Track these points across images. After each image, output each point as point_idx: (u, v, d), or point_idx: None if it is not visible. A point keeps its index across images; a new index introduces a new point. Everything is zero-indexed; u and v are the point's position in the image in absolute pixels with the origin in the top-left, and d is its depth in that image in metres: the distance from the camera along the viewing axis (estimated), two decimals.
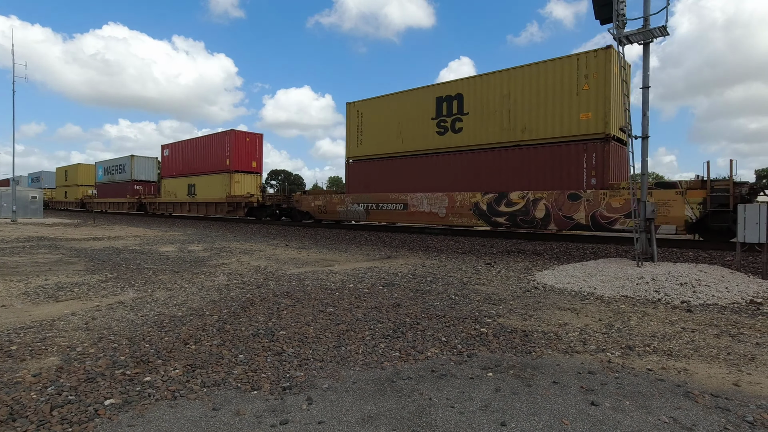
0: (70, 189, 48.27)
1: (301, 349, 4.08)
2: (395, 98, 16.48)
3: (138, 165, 37.28)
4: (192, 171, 28.67)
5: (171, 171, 31.10)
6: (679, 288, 6.51)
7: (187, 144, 29.94)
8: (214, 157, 26.53)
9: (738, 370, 3.62)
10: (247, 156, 26.13)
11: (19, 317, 5.10)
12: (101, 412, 2.83)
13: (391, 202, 16.29)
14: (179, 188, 29.94)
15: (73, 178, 47.82)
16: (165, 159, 31.98)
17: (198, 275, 8.05)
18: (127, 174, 37.27)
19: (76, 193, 46.33)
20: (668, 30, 8.14)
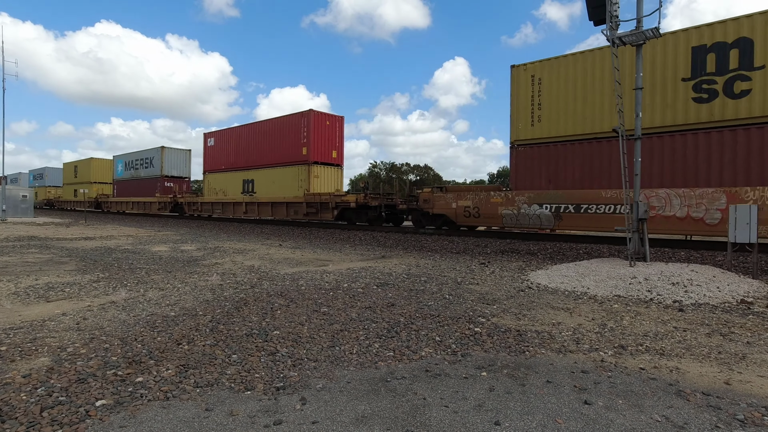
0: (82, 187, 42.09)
1: (294, 349, 4.06)
2: (599, 55, 11.72)
3: (169, 158, 31.54)
4: (250, 163, 23.27)
5: (218, 164, 25.59)
6: (671, 287, 6.56)
7: (242, 131, 24.31)
8: (284, 146, 21.16)
9: (729, 369, 3.65)
10: (327, 144, 20.73)
11: (8, 317, 5.03)
12: (92, 414, 2.80)
13: (603, 202, 11.42)
14: (231, 185, 24.58)
15: (84, 174, 42.18)
16: (209, 150, 26.34)
17: (191, 275, 7.99)
18: (155, 169, 31.45)
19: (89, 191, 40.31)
20: (661, 32, 8.20)
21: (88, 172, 41.60)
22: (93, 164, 41.42)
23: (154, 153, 32.18)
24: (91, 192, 39.38)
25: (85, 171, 42.36)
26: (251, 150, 23.42)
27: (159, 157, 31.49)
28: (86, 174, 41.99)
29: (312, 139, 19.97)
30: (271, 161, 22.13)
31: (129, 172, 35.53)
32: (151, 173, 32.38)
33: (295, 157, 20.63)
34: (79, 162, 44.15)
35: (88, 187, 39.83)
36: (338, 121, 21.32)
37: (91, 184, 40.65)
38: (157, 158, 31.80)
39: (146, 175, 32.94)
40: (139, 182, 33.55)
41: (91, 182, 40.96)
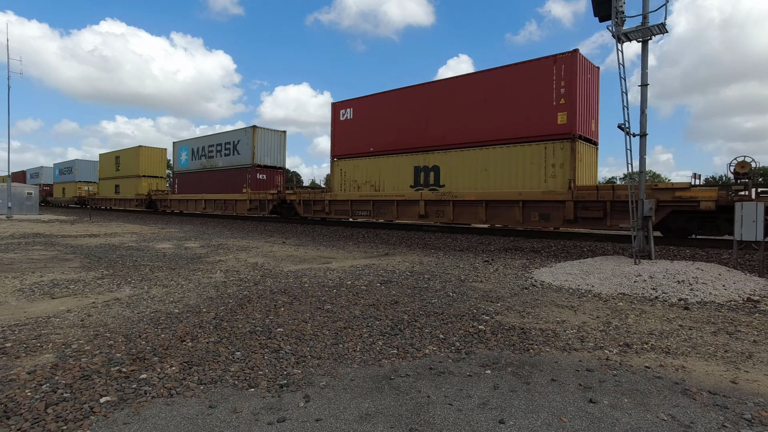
0: (126, 182, 34.70)
1: (298, 346, 4.06)
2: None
3: (263, 141, 23.89)
4: (430, 143, 15.08)
5: (359, 146, 17.32)
6: (676, 286, 6.52)
7: (409, 96, 15.77)
8: (511, 112, 13.09)
9: (736, 368, 3.62)
10: (588, 108, 12.75)
11: (14, 314, 5.06)
12: (97, 410, 2.80)
13: None
14: (387, 175, 16.33)
15: (130, 166, 34.36)
16: (343, 127, 17.89)
17: (195, 272, 8.01)
18: (243, 156, 23.78)
19: (137, 186, 33.00)
20: (666, 28, 8.13)
21: (135, 164, 33.55)
22: (142, 154, 33.43)
23: (241, 136, 24.09)
24: (139, 188, 32.73)
25: (130, 162, 34.43)
26: (432, 122, 14.96)
27: (249, 140, 23.31)
28: (132, 166, 34.11)
29: (574, 97, 11.92)
30: (478, 138, 13.82)
31: (198, 161, 27.54)
32: (236, 162, 24.33)
33: (537, 128, 12.55)
34: (123, 152, 36.10)
35: (134, 182, 33.26)
36: (596, 74, 13.33)
37: (139, 179, 32.89)
38: (245, 142, 23.61)
39: (227, 165, 25.08)
40: (215, 175, 25.97)
41: (139, 176, 33.01)
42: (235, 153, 24.81)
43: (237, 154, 24.65)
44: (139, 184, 33.12)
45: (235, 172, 24.53)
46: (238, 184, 23.96)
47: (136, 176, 33.57)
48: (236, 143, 24.78)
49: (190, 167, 28.67)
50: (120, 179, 35.97)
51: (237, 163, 24.62)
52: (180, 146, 29.75)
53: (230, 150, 25.19)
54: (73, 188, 45.34)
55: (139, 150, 33.53)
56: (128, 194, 34.39)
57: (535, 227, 13.67)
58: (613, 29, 8.36)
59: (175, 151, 30.19)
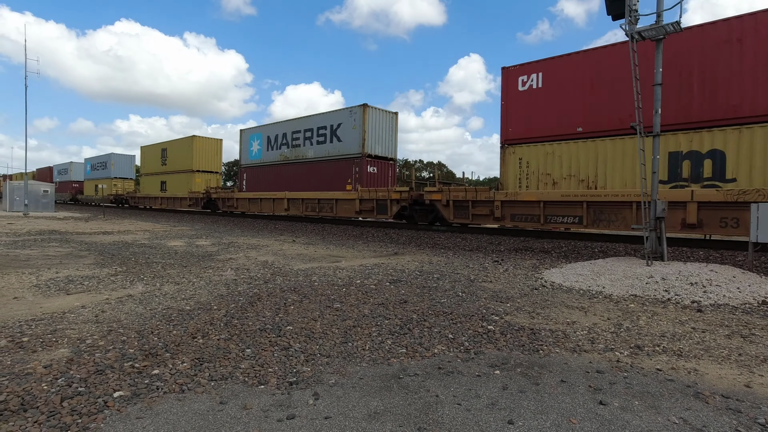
0: (175, 178, 30.18)
1: (307, 344, 4.09)
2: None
3: (375, 125, 18.33)
4: (707, 116, 9.61)
5: (560, 124, 11.92)
6: (689, 288, 6.43)
7: (673, 42, 9.48)
8: None
9: (750, 372, 3.57)
10: None
11: (30, 309, 5.16)
12: (110, 404, 2.85)
13: None
14: (618, 163, 10.80)
15: (180, 159, 29.78)
16: (521, 100, 12.76)
17: (206, 270, 8.10)
18: (347, 144, 18.37)
19: (189, 183, 28.46)
20: (681, 26, 8.01)
21: (187, 157, 29.06)
22: (196, 145, 28.79)
23: (344, 118, 18.64)
24: (192, 184, 28.33)
25: (180, 155, 29.93)
26: (706, 85, 9.62)
27: (357, 123, 17.82)
28: (182, 159, 29.57)
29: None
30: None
31: (276, 152, 22.28)
32: (336, 152, 19.04)
33: None
34: (171, 144, 31.59)
35: (186, 178, 28.85)
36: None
37: (192, 174, 28.45)
38: (350, 126, 18.10)
39: (321, 155, 19.86)
40: (303, 168, 20.83)
41: (193, 170, 28.55)
42: (333, 140, 19.33)
43: (337, 142, 19.11)
44: (192, 181, 28.27)
45: (335, 165, 19.01)
46: (339, 180, 18.76)
47: (188, 171, 28.88)
48: (335, 128, 19.20)
49: (264, 159, 23.10)
50: (167, 175, 31.14)
51: (337, 153, 19.00)
52: (250, 134, 24.22)
53: (326, 136, 19.72)
54: (107, 185, 41.05)
55: (192, 141, 28.52)
56: (178, 192, 29.56)
57: None
58: (626, 28, 8.26)
59: (243, 140, 24.71)
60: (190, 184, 28.78)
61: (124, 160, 41.88)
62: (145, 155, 35.26)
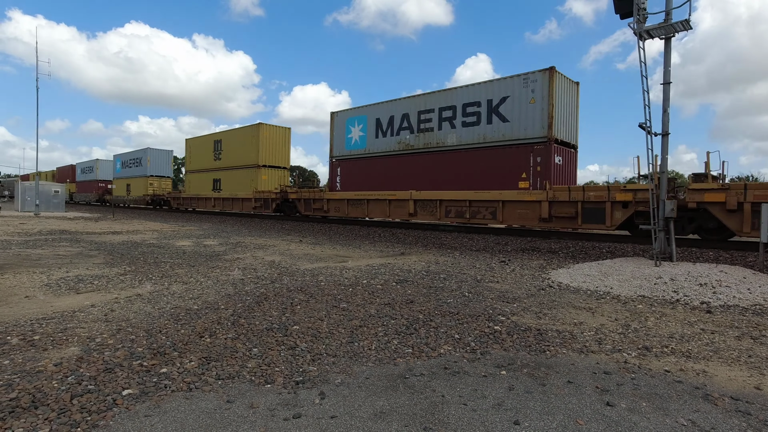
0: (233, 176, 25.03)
1: (314, 343, 4.11)
2: None
3: (561, 98, 13.21)
4: None
5: None
6: (698, 288, 6.37)
7: None
8: None
9: (760, 374, 3.53)
10: None
11: (41, 308, 5.23)
12: (119, 402, 2.89)
13: None
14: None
15: (241, 153, 24.50)
16: None
17: (213, 269, 8.15)
18: (519, 125, 13.40)
19: (254, 181, 23.34)
20: (691, 24, 7.93)
21: (251, 150, 23.64)
22: (263, 135, 23.37)
23: (513, 88, 13.60)
24: (257, 182, 23.14)
25: (241, 147, 24.49)
26: None
27: (538, 94, 13.01)
28: (244, 152, 24.22)
29: None
30: None
31: (393, 139, 16.89)
32: (498, 136, 13.98)
33: None
34: (227, 134, 26.29)
35: (249, 175, 23.59)
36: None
37: (257, 170, 23.28)
38: (523, 99, 13.34)
39: (472, 141, 14.64)
40: (436, 159, 15.58)
41: (258, 166, 23.32)
42: (492, 120, 14.01)
43: (500, 122, 13.81)
44: (258, 178, 23.17)
45: (497, 154, 13.98)
46: (503, 174, 13.79)
47: (252, 167, 23.58)
48: (496, 103, 13.96)
49: (370, 149, 17.71)
50: (222, 172, 26.08)
51: (500, 138, 13.85)
52: (347, 117, 18.51)
53: (480, 115, 14.30)
54: (142, 184, 35.97)
55: (258, 130, 23.18)
56: (239, 191, 24.32)
57: None
58: (634, 26, 8.20)
59: (337, 125, 18.99)
60: (255, 182, 23.10)
61: (161, 156, 36.72)
62: (192, 149, 29.70)
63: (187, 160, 30.73)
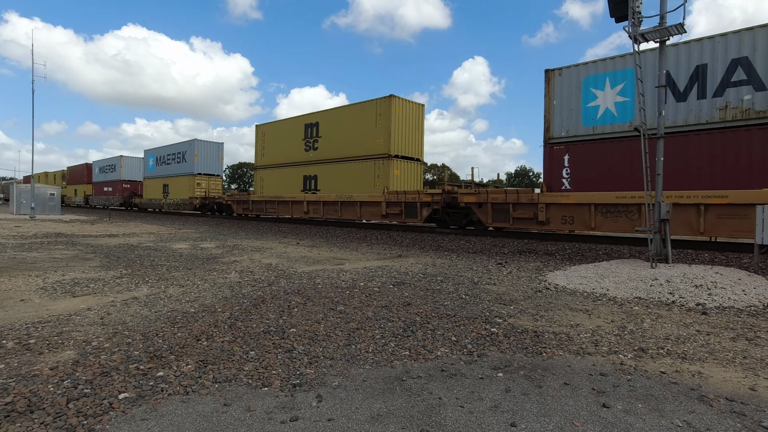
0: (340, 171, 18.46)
1: (311, 346, 4.10)
2: None
3: None
4: None
5: None
6: (694, 290, 6.40)
7: None
8: None
9: (755, 375, 3.55)
10: None
11: (37, 311, 5.21)
12: (116, 406, 2.88)
13: None
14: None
15: (355, 138, 17.81)
16: None
17: (210, 272, 8.14)
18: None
19: (380, 177, 16.92)
20: (685, 28, 7.99)
21: (378, 133, 16.93)
22: (396, 113, 16.66)
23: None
24: (389, 181, 16.64)
25: (357, 130, 17.80)
26: None
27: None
28: (365, 137, 17.41)
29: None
30: None
31: (699, 106, 9.82)
32: None
33: None
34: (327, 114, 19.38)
35: (370, 169, 17.10)
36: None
37: (388, 162, 16.62)
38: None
39: None
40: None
41: (388, 156, 16.62)
42: None
43: None
44: (388, 173, 16.43)
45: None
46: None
47: (378, 157, 16.73)
48: None
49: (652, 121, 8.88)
50: (320, 166, 19.20)
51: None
52: (587, 75, 11.76)
53: None
54: (186, 185, 29.21)
55: (389, 105, 16.14)
56: (354, 191, 17.49)
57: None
58: (629, 30, 8.25)
59: (569, 88, 12.14)
60: (383, 178, 16.46)
61: (210, 151, 29.87)
62: (267, 138, 22.25)
63: (258, 153, 23.20)
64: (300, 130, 20.62)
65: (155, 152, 34.54)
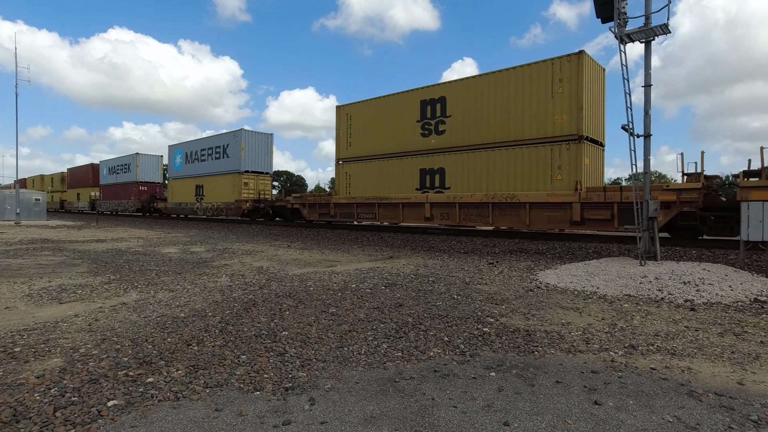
0: (487, 159, 13.20)
1: (303, 349, 4.08)
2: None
3: None
4: None
5: None
6: (682, 287, 6.48)
7: None
8: None
9: (742, 369, 3.60)
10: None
11: (22, 319, 5.11)
12: (104, 414, 2.83)
13: None
14: None
15: (520, 114, 12.52)
16: None
17: (200, 276, 8.06)
18: None
19: (568, 169, 11.56)
20: (669, 28, 8.11)
21: (558, 104, 11.94)
22: (587, 70, 11.64)
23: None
24: (574, 171, 11.63)
25: (523, 102, 12.64)
26: None
27: None
28: (533, 113, 12.41)
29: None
30: None
31: None
32: None
33: None
34: (460, 84, 14.23)
35: (552, 157, 12.02)
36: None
37: (579, 146, 11.53)
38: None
39: None
40: None
41: (579, 137, 11.54)
42: None
43: None
44: (578, 162, 11.70)
45: None
46: None
47: (564, 140, 11.95)
48: None
49: None
50: (445, 156, 14.59)
51: None
52: None
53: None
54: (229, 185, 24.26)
55: (579, 65, 11.69)
56: (518, 189, 12.71)
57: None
58: (615, 31, 8.36)
59: None
60: (575, 170, 11.77)
61: (258, 143, 24.72)
62: (354, 122, 17.64)
63: (341, 141, 18.14)
64: (413, 109, 15.71)
65: (184, 147, 29.08)
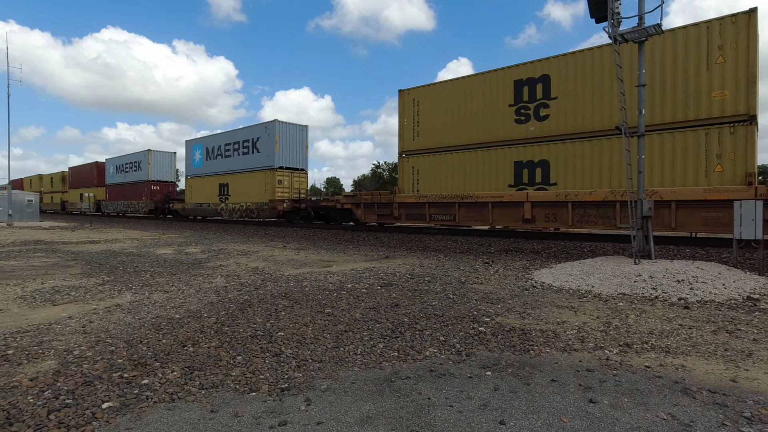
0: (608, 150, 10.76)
1: (299, 350, 4.07)
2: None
3: None
4: None
5: None
6: (676, 285, 6.53)
7: None
8: None
9: (735, 366, 3.63)
10: None
11: (15, 321, 5.07)
12: (99, 416, 2.81)
13: None
14: None
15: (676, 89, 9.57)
16: None
17: (195, 277, 8.02)
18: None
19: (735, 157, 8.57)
20: (663, 28, 8.16)
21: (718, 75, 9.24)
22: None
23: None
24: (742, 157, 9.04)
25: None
26: None
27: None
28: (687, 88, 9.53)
29: None
30: None
31: None
32: None
33: None
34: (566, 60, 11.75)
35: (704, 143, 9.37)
36: None
37: (739, 131, 9.09)
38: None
39: None
40: None
41: (744, 118, 9.02)
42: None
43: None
44: (745, 150, 9.21)
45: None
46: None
47: (727, 122, 9.40)
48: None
49: None
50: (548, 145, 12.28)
51: None
52: None
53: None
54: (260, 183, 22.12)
55: (748, 25, 9.08)
56: (658, 185, 10.04)
57: None
58: (609, 30, 8.40)
59: None
60: (743, 159, 9.35)
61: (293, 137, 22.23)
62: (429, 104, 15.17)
63: (406, 131, 15.82)
64: (504, 92, 13.33)
65: (204, 142, 26.53)
